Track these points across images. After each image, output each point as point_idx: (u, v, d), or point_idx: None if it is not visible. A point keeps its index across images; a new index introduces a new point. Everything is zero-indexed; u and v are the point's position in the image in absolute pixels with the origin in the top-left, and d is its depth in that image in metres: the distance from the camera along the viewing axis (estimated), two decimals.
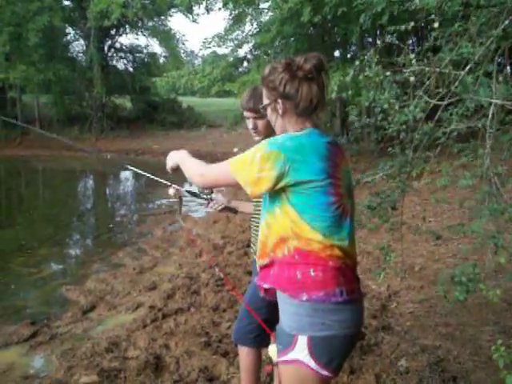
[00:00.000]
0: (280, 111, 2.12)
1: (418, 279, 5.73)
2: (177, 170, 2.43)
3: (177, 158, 2.42)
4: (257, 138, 2.90)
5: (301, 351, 2.00)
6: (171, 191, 2.69)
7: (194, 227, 9.82)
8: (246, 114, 2.87)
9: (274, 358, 2.23)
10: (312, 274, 1.99)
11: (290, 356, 2.03)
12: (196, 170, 2.26)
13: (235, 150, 23.48)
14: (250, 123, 2.85)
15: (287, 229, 2.03)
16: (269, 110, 2.19)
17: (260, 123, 2.79)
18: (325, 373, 2.01)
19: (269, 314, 2.58)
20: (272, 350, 2.30)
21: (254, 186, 2.02)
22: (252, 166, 2.01)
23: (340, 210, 2.05)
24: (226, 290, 5.78)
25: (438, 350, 4.08)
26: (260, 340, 2.91)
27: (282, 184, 1.99)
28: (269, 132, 2.57)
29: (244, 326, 2.99)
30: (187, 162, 2.33)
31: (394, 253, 3.65)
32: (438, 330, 4.47)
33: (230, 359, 4.06)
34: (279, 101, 2.10)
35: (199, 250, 7.57)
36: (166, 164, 2.47)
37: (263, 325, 2.61)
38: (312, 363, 1.99)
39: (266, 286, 2.15)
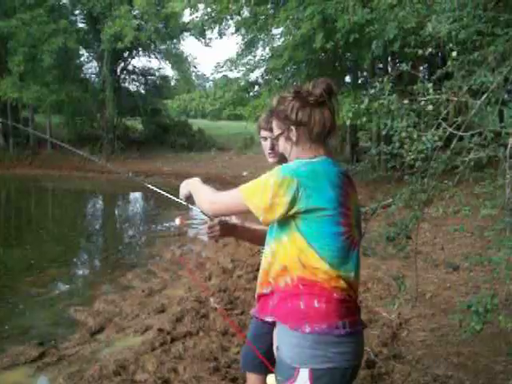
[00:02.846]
0: (294, 139, 2.10)
1: (430, 307, 5.67)
2: (190, 197, 2.40)
3: (189, 185, 2.38)
4: (271, 160, 2.87)
5: None
6: (178, 221, 2.65)
7: (203, 250, 9.81)
8: (263, 133, 2.83)
9: None
10: (316, 305, 1.96)
11: None
12: (206, 197, 2.21)
13: (245, 173, 23.62)
14: (267, 144, 2.83)
15: (293, 257, 2.00)
16: (282, 140, 2.16)
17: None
18: None
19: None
20: (271, 380, 2.24)
21: (267, 212, 1.99)
22: (265, 192, 1.98)
23: (349, 241, 2.02)
24: (235, 314, 5.75)
25: (450, 379, 4.02)
26: (267, 366, 2.87)
27: (294, 210, 1.96)
28: (284, 155, 2.56)
29: (250, 353, 2.95)
30: (198, 188, 2.29)
31: (408, 281, 3.62)
32: (450, 359, 4.40)
33: None
34: (292, 128, 2.08)
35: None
36: (180, 192, 2.44)
37: (265, 361, 2.51)
38: None
39: (268, 319, 2.12)
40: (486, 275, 4.60)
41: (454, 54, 3.16)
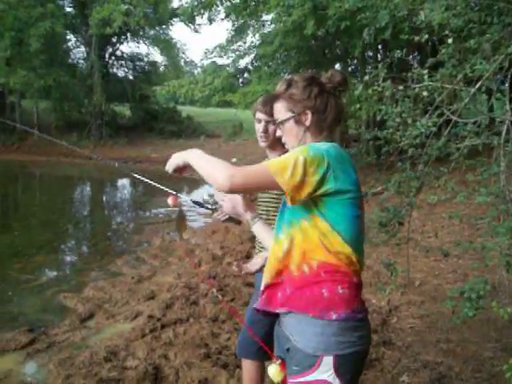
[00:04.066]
0: (307, 123, 2.07)
1: (419, 294, 5.71)
2: (181, 171, 2.17)
3: (187, 155, 2.11)
4: (263, 144, 2.90)
5: (325, 371, 1.93)
6: (170, 201, 2.45)
7: (192, 237, 9.79)
8: (258, 115, 2.84)
9: (275, 379, 2.14)
10: (340, 291, 1.94)
11: (313, 377, 1.94)
12: (224, 170, 1.90)
13: (234, 160, 23.59)
14: (260, 126, 2.84)
15: (316, 242, 1.96)
16: (290, 123, 2.11)
17: (271, 128, 2.78)
18: None
19: (272, 326, 2.54)
20: (273, 370, 2.18)
21: (296, 191, 1.88)
22: (296, 168, 1.86)
23: (362, 224, 2.05)
24: (226, 300, 5.75)
25: (440, 366, 4.06)
26: (263, 352, 2.87)
27: (321, 191, 1.90)
28: (276, 141, 2.55)
29: (246, 339, 2.96)
30: (208, 160, 2.00)
31: (399, 268, 3.64)
32: (439, 345, 4.44)
33: (230, 371, 4.02)
34: (308, 112, 2.06)
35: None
36: (169, 163, 2.17)
37: (265, 346, 2.48)
38: (337, 382, 1.93)
39: (279, 311, 2.05)
40: (475, 263, 4.62)
41: (450, 40, 3.15)
